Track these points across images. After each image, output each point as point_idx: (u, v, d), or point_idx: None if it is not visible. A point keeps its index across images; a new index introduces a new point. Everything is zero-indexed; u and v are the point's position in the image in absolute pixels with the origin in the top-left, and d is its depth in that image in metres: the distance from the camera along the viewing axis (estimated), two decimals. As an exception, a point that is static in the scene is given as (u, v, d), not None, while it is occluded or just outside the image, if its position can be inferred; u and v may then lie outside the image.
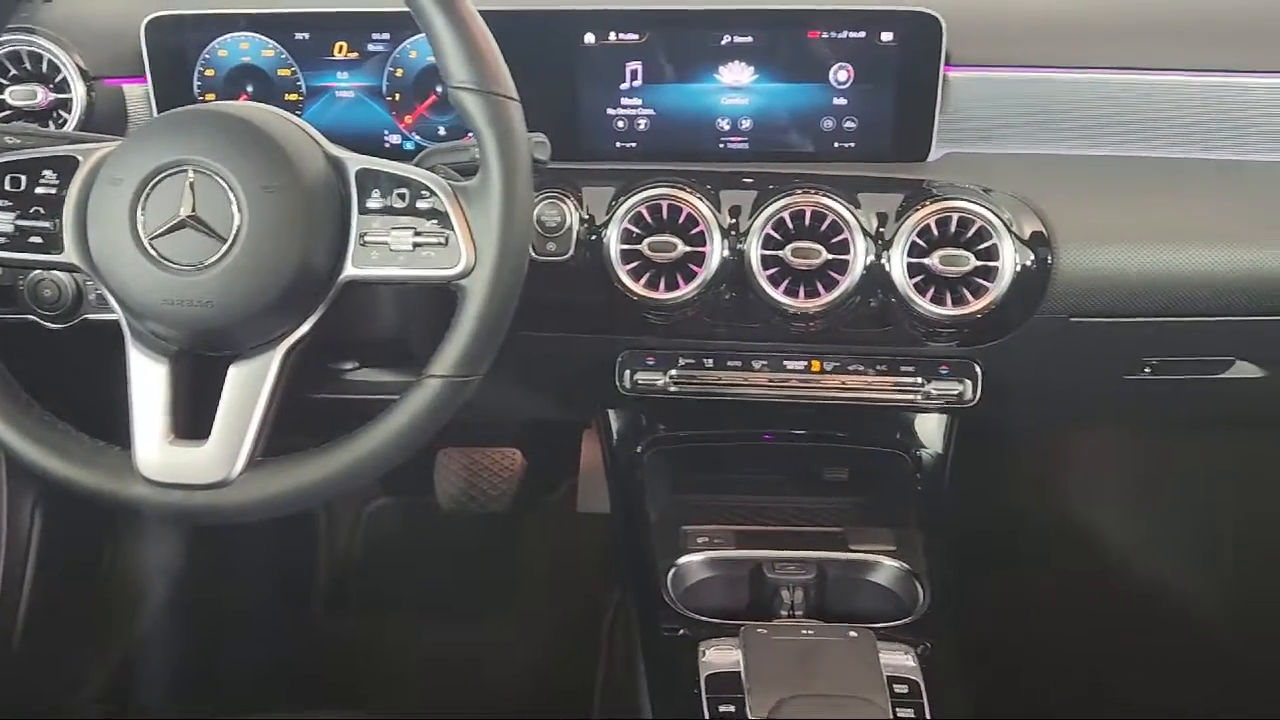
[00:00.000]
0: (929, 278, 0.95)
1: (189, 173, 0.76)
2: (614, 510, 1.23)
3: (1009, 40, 1.05)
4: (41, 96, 1.05)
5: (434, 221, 0.77)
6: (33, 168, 0.81)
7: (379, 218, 0.78)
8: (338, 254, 0.78)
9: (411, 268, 0.78)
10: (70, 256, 0.80)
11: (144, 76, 1.06)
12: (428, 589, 1.64)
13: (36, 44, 1.05)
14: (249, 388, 0.78)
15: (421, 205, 0.78)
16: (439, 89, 1.04)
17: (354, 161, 0.80)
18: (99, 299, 0.95)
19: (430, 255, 0.77)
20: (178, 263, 0.76)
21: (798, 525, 1.15)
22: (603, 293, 0.98)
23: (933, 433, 1.18)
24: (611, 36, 1.02)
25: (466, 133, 0.78)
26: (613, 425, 1.21)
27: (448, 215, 0.77)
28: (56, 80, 1.05)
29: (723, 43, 1.01)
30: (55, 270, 0.96)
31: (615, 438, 1.21)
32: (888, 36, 1.00)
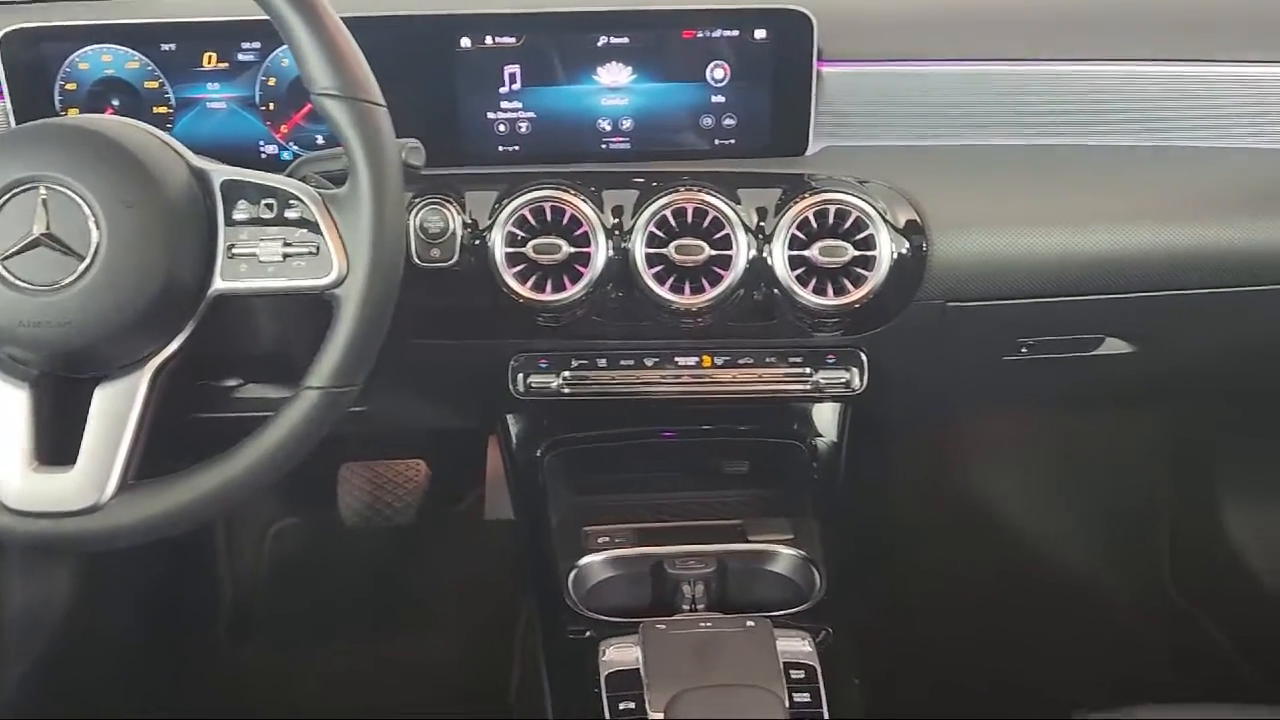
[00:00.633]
0: (810, 269, 0.96)
1: (40, 189, 0.73)
2: (517, 516, 1.23)
3: (880, 35, 1.07)
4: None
5: (304, 231, 0.76)
6: None
7: (247, 229, 0.77)
8: (205, 268, 0.76)
9: (282, 279, 0.76)
10: None
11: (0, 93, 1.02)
12: (336, 607, 1.62)
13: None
14: (116, 409, 0.76)
15: (290, 215, 0.76)
16: (313, 97, 1.02)
17: (219, 173, 0.78)
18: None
19: (301, 265, 0.76)
20: (32, 283, 0.73)
21: (698, 520, 1.16)
22: (490, 297, 0.98)
23: (827, 422, 1.20)
24: (488, 40, 1.01)
25: None
26: (511, 430, 1.21)
27: (317, 224, 0.76)
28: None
29: (599, 44, 1.02)
30: None
31: (514, 443, 1.21)
32: (761, 34, 1.01)
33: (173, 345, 0.77)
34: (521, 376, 1.06)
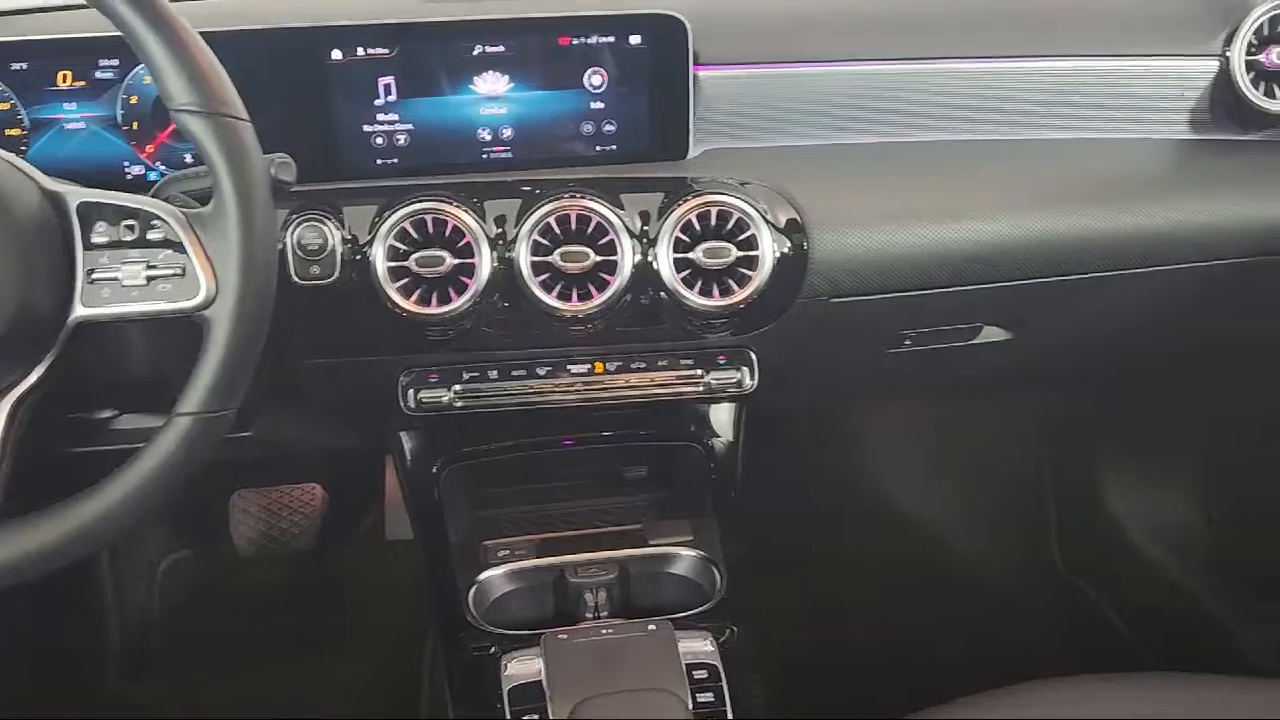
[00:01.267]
0: (695, 271, 0.97)
1: None
2: (416, 534, 1.21)
3: (756, 38, 1.09)
4: None
5: (168, 252, 0.73)
6: None
7: (107, 252, 0.74)
8: (64, 295, 0.73)
9: (148, 303, 0.73)
10: None
11: None
12: (236, 640, 1.57)
13: None
14: (-27, 446, 0.72)
15: (153, 236, 0.74)
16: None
17: (74, 195, 0.75)
18: None
19: (167, 288, 0.73)
20: None
21: (599, 527, 1.16)
22: (375, 313, 0.96)
23: (723, 422, 1.21)
24: (360, 52, 0.99)
25: None
26: (405, 447, 1.18)
27: (182, 244, 0.73)
28: None
29: (475, 53, 1.01)
30: None
31: (409, 460, 1.18)
32: (636, 40, 1.02)
33: (32, 377, 0.74)
34: (412, 392, 1.04)
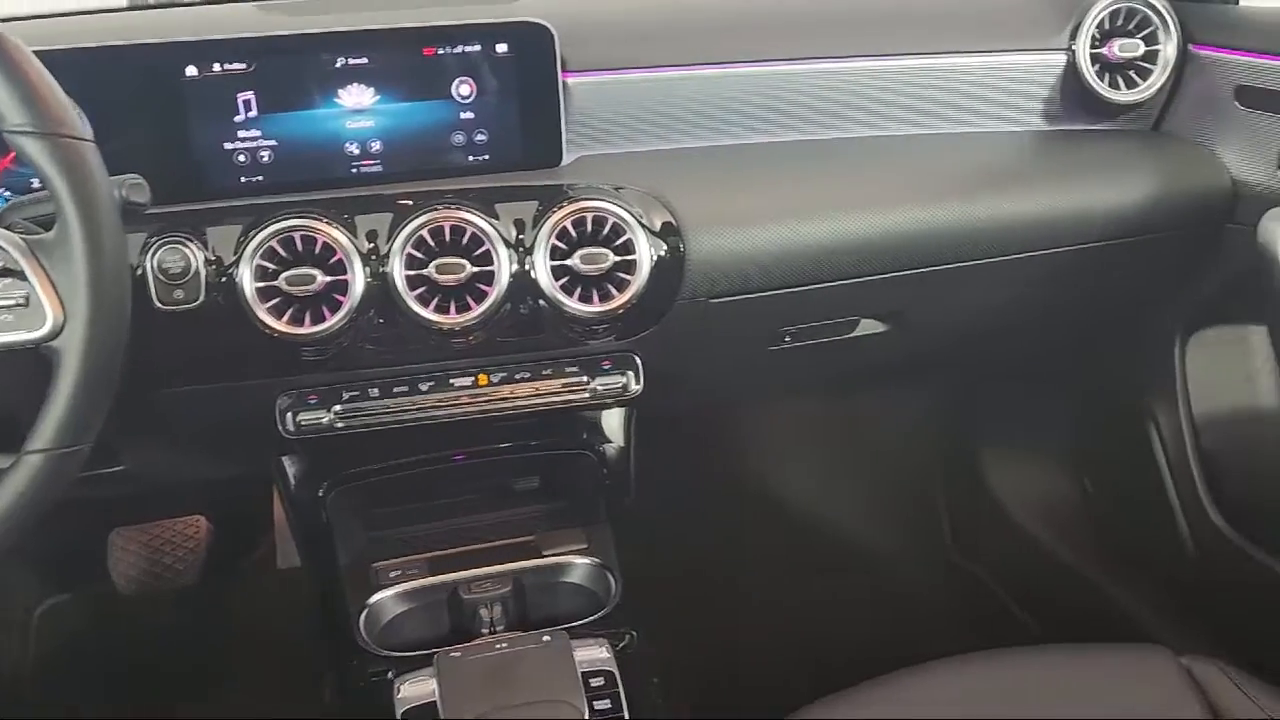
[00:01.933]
0: (574, 278, 0.97)
1: None
2: (303, 561, 1.18)
3: (624, 44, 1.10)
4: None
5: (9, 281, 0.70)
6: None
7: None
8: None
9: None
10: None
11: None
12: (124, 682, 1.50)
13: None
14: None
15: None
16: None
17: None
18: None
19: (9, 319, 0.70)
20: None
21: (492, 541, 1.15)
22: (245, 336, 0.93)
23: (613, 427, 1.21)
24: (216, 68, 0.96)
25: None
26: (289, 472, 1.15)
27: (24, 273, 0.70)
28: None
29: (338, 66, 0.99)
30: None
31: (293, 485, 1.15)
32: (503, 48, 1.01)
33: None
34: (290, 415, 1.01)
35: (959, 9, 1.17)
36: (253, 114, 0.98)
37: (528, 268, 0.96)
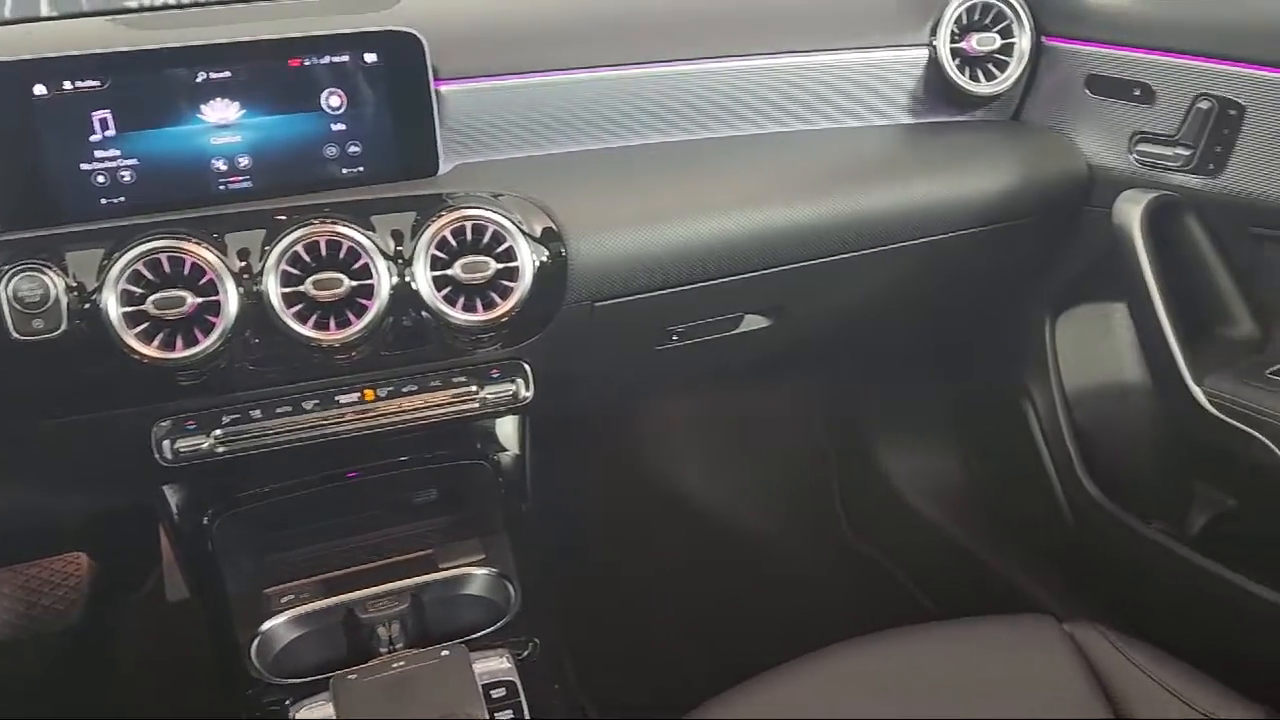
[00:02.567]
0: (456, 288, 0.96)
1: None
2: (192, 592, 1.14)
3: (495, 50, 1.09)
4: None
5: None
6: None
7: None
8: None
9: None
10: None
11: None
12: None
13: None
14: None
15: None
16: None
17: None
18: None
19: None
20: None
21: (389, 557, 1.13)
22: (113, 363, 0.90)
23: (507, 435, 1.20)
24: (66, 85, 0.92)
25: None
26: (170, 502, 1.11)
27: None
28: None
29: (199, 80, 0.95)
30: None
31: (176, 514, 1.11)
32: (372, 58, 0.99)
33: None
34: (168, 443, 0.98)
35: (823, 8, 1.20)
36: (110, 133, 0.94)
37: (408, 279, 0.95)
